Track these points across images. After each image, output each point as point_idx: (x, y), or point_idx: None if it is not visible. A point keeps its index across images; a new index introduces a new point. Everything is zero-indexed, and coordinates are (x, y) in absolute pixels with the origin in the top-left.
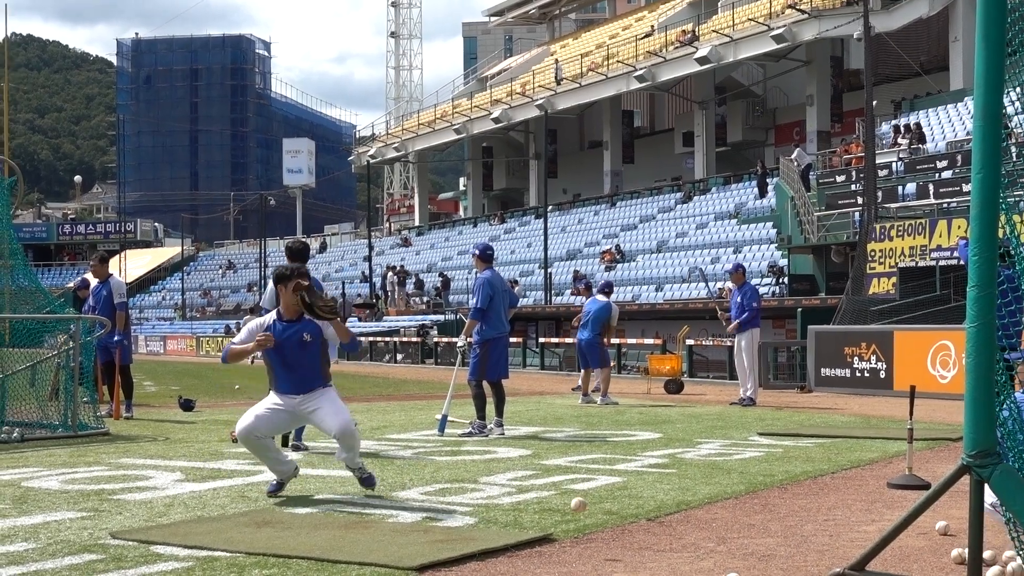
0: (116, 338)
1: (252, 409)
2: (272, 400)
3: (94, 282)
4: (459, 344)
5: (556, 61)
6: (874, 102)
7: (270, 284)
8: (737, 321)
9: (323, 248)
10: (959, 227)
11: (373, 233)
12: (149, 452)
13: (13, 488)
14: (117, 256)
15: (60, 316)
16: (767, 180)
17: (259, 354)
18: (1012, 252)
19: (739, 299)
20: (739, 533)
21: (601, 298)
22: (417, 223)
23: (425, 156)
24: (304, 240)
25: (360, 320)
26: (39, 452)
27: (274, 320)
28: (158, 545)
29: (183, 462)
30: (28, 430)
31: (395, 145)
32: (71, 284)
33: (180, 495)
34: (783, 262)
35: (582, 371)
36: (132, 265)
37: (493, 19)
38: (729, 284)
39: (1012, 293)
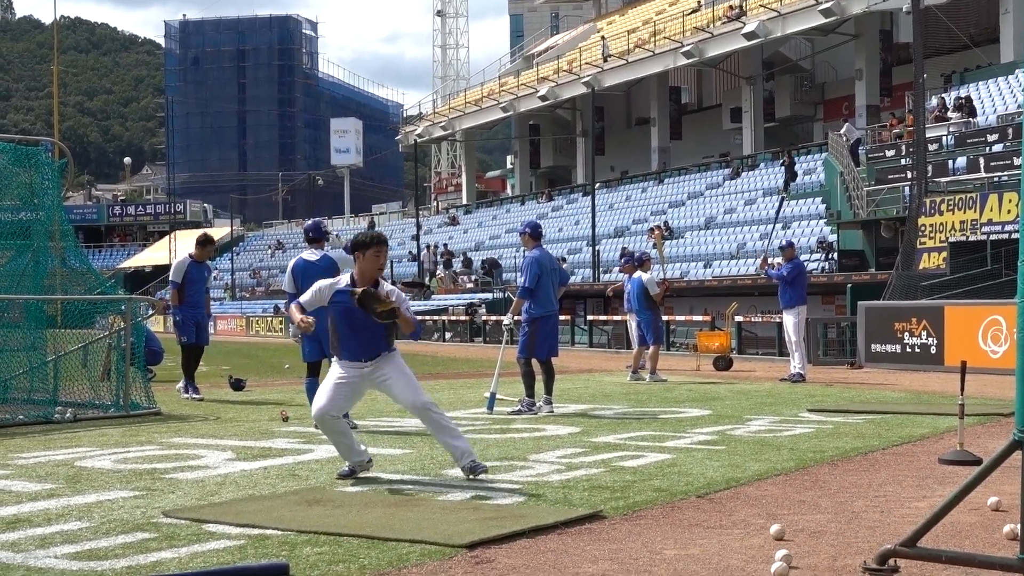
0: (177, 318)
1: (321, 388)
2: (337, 374)
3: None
4: (506, 322)
5: (603, 38)
6: (924, 76)
7: (288, 268)
8: (766, 272)
9: (371, 227)
10: (1010, 201)
11: (421, 212)
12: (200, 431)
13: (67, 468)
14: (168, 236)
15: (111, 297)
16: (795, 170)
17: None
18: None
19: (784, 272)
20: (789, 510)
21: (636, 274)
22: (464, 201)
23: (472, 134)
24: (319, 220)
25: (410, 299)
26: (92, 432)
27: (347, 284)
28: (210, 523)
29: (234, 441)
30: (81, 410)
31: (442, 124)
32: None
33: (231, 474)
34: (832, 238)
35: (635, 348)
36: (182, 246)
37: None
38: (779, 259)
39: None
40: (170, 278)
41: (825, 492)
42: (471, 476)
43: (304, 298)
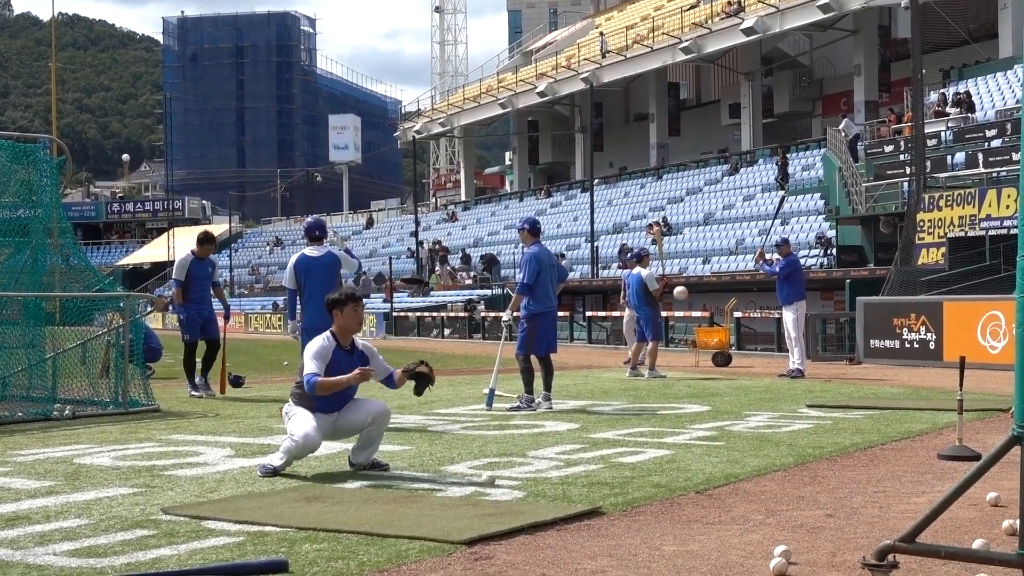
0: (182, 316)
1: (300, 428)
2: (309, 416)
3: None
4: (504, 318)
5: (601, 34)
6: (922, 71)
7: (290, 264)
8: (761, 264)
9: (369, 224)
10: (1009, 196)
11: (419, 208)
12: (199, 428)
13: (66, 465)
14: (166, 234)
15: (110, 294)
16: (787, 171)
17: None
18: None
19: (777, 268)
20: (788, 505)
21: (636, 270)
22: (463, 198)
23: (471, 131)
24: (320, 218)
25: (409, 296)
26: (91, 429)
27: (335, 347)
28: (209, 520)
29: (233, 438)
30: (79, 407)
31: (440, 120)
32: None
33: (230, 471)
34: (831, 233)
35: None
36: (180, 243)
37: None
38: (776, 255)
39: None
40: (173, 276)
41: (824, 488)
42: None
43: (317, 366)
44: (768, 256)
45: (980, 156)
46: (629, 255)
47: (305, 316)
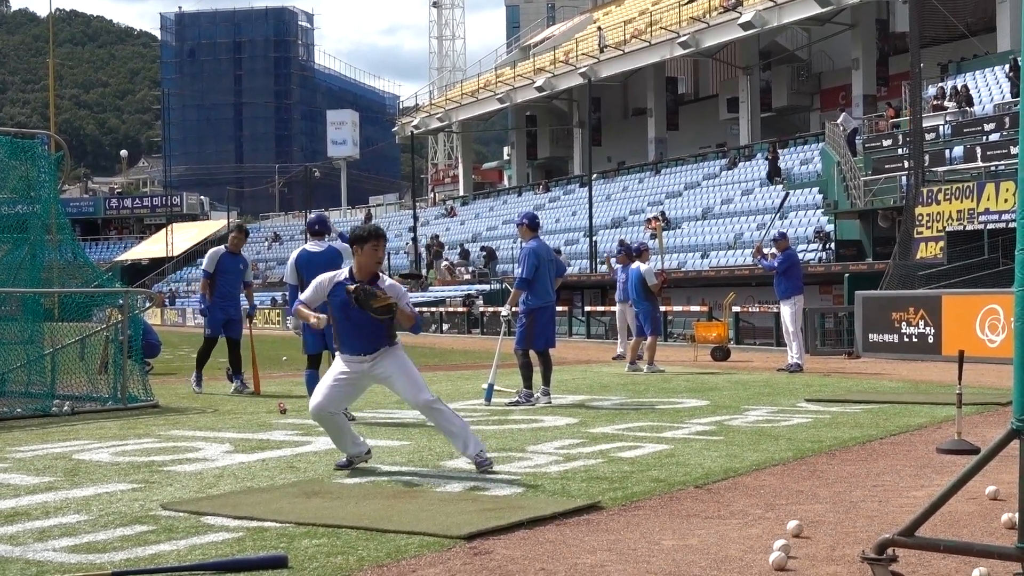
0: (201, 307)
1: (320, 382)
2: (338, 369)
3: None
4: (504, 313)
5: (599, 28)
6: (920, 65)
7: (291, 259)
8: (759, 260)
9: (368, 219)
10: (1007, 190)
11: (418, 203)
12: (198, 424)
13: (65, 460)
14: (164, 229)
15: (109, 290)
16: (778, 165)
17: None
18: None
19: (775, 263)
20: (787, 500)
21: (634, 265)
22: (461, 193)
23: (469, 126)
24: (323, 213)
25: (407, 291)
26: (89, 425)
27: (346, 279)
28: (208, 516)
29: (232, 433)
30: (78, 403)
31: (439, 115)
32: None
33: (229, 466)
34: (830, 227)
35: (631, 339)
36: (179, 238)
37: None
38: (773, 250)
39: None
40: (202, 267)
41: (823, 482)
42: (479, 470)
43: (306, 295)
44: (766, 250)
45: (978, 150)
46: (620, 250)
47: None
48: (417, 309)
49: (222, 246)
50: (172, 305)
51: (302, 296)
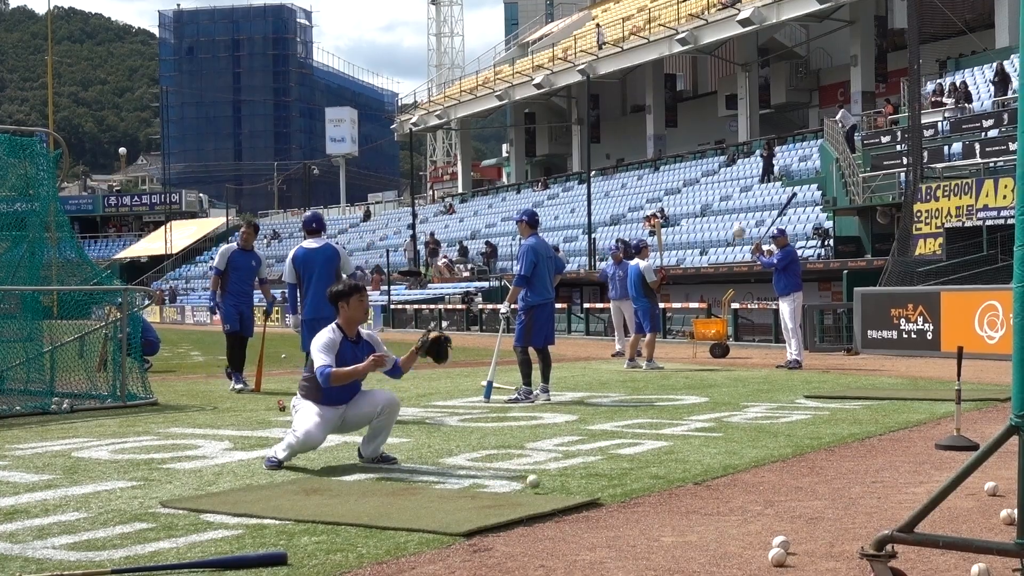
0: (212, 304)
1: (303, 424)
2: (316, 410)
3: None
4: (502, 310)
5: (598, 25)
6: (919, 61)
7: (289, 257)
8: (758, 258)
9: (367, 216)
10: (1006, 186)
11: (417, 201)
12: (197, 421)
13: (64, 458)
14: (163, 227)
15: (108, 288)
16: (772, 163)
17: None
18: None
19: (775, 260)
20: (786, 496)
21: (634, 262)
22: (460, 190)
23: (467, 123)
24: (318, 211)
25: (407, 288)
26: (88, 422)
27: (343, 338)
28: (208, 513)
29: (231, 431)
30: (77, 401)
31: (437, 112)
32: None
33: (229, 464)
34: (828, 224)
35: (629, 336)
36: (178, 236)
37: None
38: (773, 247)
39: None
40: (214, 265)
41: (822, 478)
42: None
43: (322, 360)
44: (765, 248)
45: (977, 146)
46: (615, 247)
47: (305, 308)
48: (416, 306)
49: (233, 243)
50: (172, 303)
51: (326, 361)
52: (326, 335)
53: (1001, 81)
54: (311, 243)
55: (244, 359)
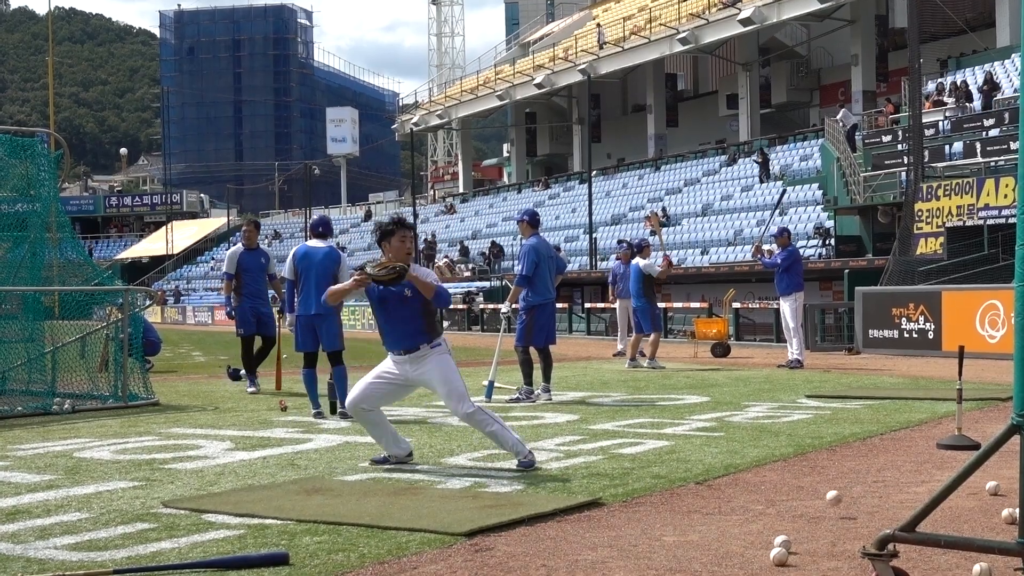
0: (228, 308)
1: (363, 378)
2: (384, 367)
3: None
4: (503, 310)
5: (598, 25)
6: (919, 61)
7: (291, 254)
8: (760, 259)
9: (368, 216)
10: (1007, 185)
11: (418, 201)
12: (199, 422)
13: (65, 459)
14: (164, 227)
15: (109, 288)
16: (769, 167)
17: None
18: None
19: (778, 260)
20: (788, 496)
21: (634, 261)
22: (461, 190)
23: (468, 123)
24: (326, 216)
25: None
26: (90, 423)
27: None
28: (209, 514)
29: (233, 431)
30: (79, 401)
31: (438, 112)
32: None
33: (230, 464)
34: (829, 224)
35: (631, 335)
36: (179, 236)
37: None
38: (774, 246)
39: None
40: (224, 269)
41: (823, 478)
42: (525, 470)
43: (332, 289)
44: (766, 247)
45: (978, 145)
46: (623, 246)
47: (299, 305)
48: None
49: (239, 245)
50: (177, 303)
51: (331, 289)
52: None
53: (990, 90)
54: (315, 243)
55: (263, 359)
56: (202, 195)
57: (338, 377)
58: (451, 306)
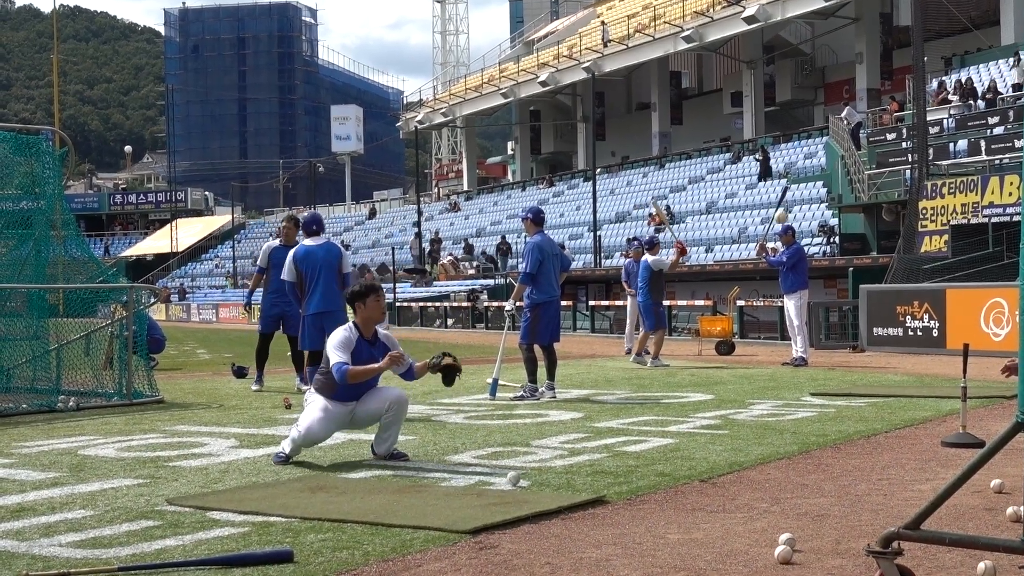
0: (247, 302)
1: (305, 419)
2: (323, 405)
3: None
4: (507, 308)
5: (603, 23)
6: (924, 59)
7: (289, 256)
8: (764, 257)
9: (372, 214)
10: (1012, 183)
11: (422, 198)
12: (203, 419)
13: (70, 456)
14: (169, 225)
15: (113, 285)
16: (769, 166)
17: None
18: None
19: (784, 259)
20: (792, 493)
21: (644, 257)
22: (466, 188)
23: (473, 121)
24: (317, 212)
25: (412, 285)
26: (95, 420)
27: (359, 337)
28: (214, 511)
29: (237, 429)
30: (83, 399)
31: (443, 110)
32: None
33: (235, 461)
34: (834, 221)
35: (638, 332)
36: (183, 234)
37: None
38: (778, 244)
39: None
40: (257, 264)
41: (828, 475)
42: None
43: (337, 358)
44: (770, 245)
45: (982, 143)
46: (635, 244)
47: (312, 303)
48: (421, 304)
49: (276, 240)
50: (183, 300)
51: (343, 359)
52: (341, 333)
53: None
54: (311, 242)
55: (303, 357)
56: (207, 193)
57: None
58: (455, 304)
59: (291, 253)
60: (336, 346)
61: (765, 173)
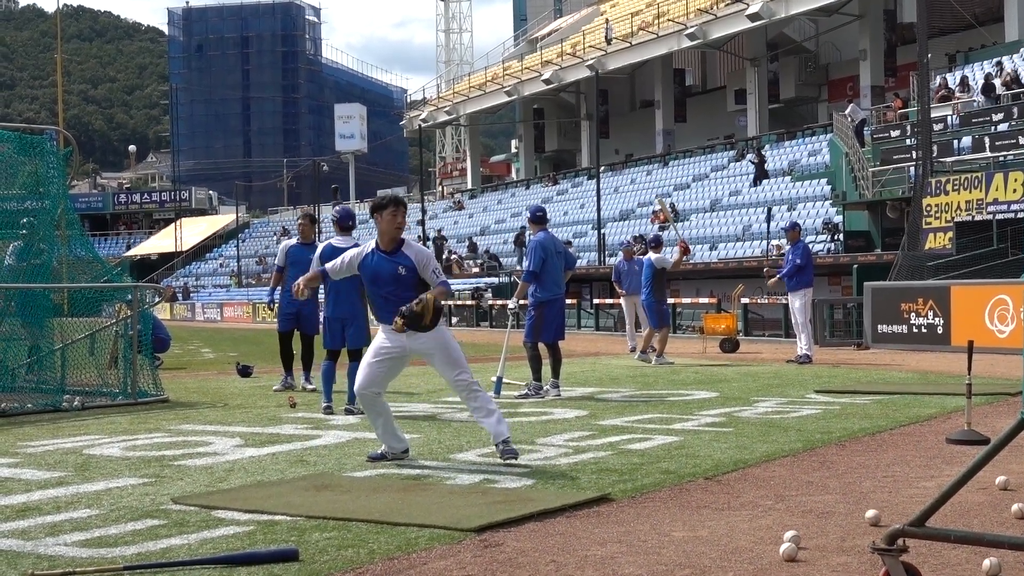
0: (267, 300)
1: (362, 361)
2: (378, 343)
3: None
4: (511, 306)
5: (606, 21)
6: (928, 56)
7: (316, 252)
8: (778, 276)
9: None
10: (1016, 180)
11: (426, 197)
12: (208, 418)
13: (75, 455)
14: (173, 224)
15: (118, 285)
16: (765, 167)
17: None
18: None
19: (791, 257)
20: (797, 491)
21: (647, 255)
22: (470, 186)
23: (476, 119)
24: (348, 207)
25: None
26: (100, 420)
27: (372, 249)
28: (219, 510)
29: (242, 428)
30: (88, 398)
31: (446, 108)
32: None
33: (240, 460)
34: (838, 219)
35: (640, 331)
36: (188, 233)
37: None
38: (784, 241)
39: None
40: (276, 263)
41: (833, 473)
42: (503, 459)
43: (332, 264)
44: (776, 243)
45: (987, 140)
46: (626, 243)
47: (328, 306)
48: None
49: (294, 238)
50: (186, 299)
51: (329, 264)
52: (351, 252)
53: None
54: (340, 241)
55: (313, 357)
56: (211, 192)
57: (352, 372)
58: (459, 302)
59: (319, 250)
60: (345, 256)
61: (761, 175)
